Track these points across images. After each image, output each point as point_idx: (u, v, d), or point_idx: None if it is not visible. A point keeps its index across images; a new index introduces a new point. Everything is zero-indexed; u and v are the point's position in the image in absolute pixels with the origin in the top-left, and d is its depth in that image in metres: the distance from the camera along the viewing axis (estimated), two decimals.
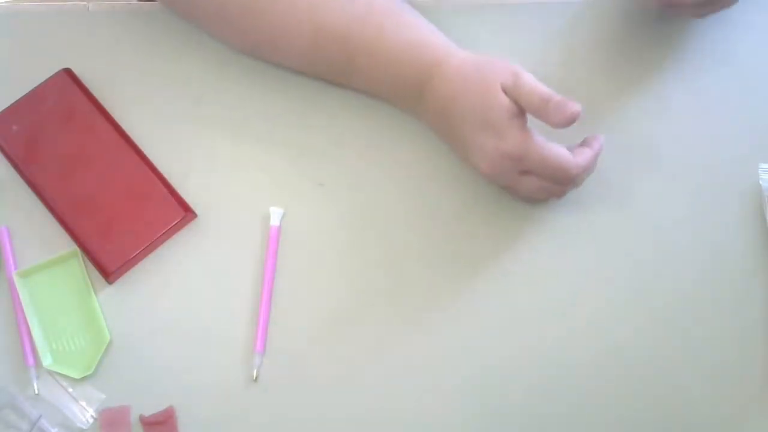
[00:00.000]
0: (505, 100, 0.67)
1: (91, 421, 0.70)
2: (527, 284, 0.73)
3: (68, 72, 0.77)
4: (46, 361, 0.71)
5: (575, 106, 0.65)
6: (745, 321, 0.72)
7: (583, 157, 0.69)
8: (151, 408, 0.70)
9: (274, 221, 0.74)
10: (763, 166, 0.75)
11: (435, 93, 0.71)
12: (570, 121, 0.65)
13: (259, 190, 0.75)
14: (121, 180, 0.74)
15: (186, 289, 0.73)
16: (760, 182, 0.74)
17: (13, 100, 0.76)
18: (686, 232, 0.74)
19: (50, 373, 0.71)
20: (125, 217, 0.73)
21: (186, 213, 0.73)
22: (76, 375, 0.70)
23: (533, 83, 0.67)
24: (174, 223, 0.73)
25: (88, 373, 0.70)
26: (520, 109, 0.67)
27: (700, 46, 0.78)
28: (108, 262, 0.72)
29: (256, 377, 0.71)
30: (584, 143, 0.71)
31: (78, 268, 0.73)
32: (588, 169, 0.70)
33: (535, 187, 0.70)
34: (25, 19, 0.80)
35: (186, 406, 0.70)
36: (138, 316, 0.72)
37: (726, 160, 0.75)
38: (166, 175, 0.75)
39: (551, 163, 0.67)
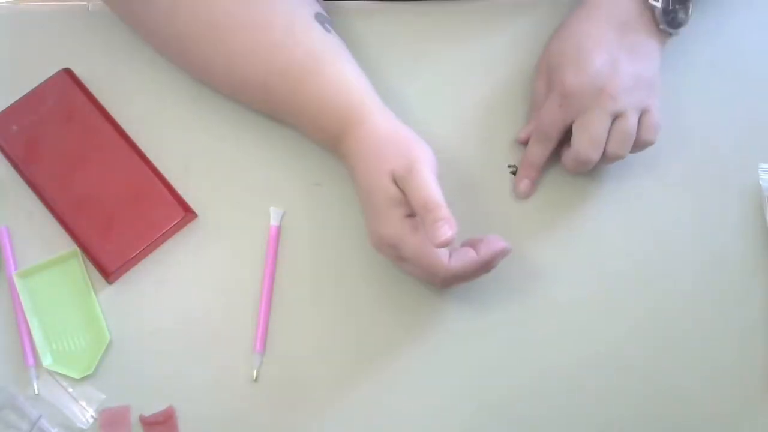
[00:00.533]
0: (390, 187, 0.65)
1: (91, 421, 0.70)
2: (527, 284, 0.73)
3: (68, 72, 0.77)
4: (46, 361, 0.71)
5: (446, 234, 0.62)
6: (745, 321, 0.72)
7: (457, 262, 0.66)
8: (151, 408, 0.70)
9: (274, 221, 0.74)
10: (763, 166, 0.75)
11: (346, 152, 0.70)
12: (437, 245, 0.62)
13: (259, 190, 0.75)
14: (121, 180, 0.74)
15: (186, 289, 0.73)
16: (760, 182, 0.74)
17: (13, 100, 0.76)
18: (686, 232, 0.74)
19: (50, 373, 0.71)
20: (125, 217, 0.73)
21: (186, 213, 0.73)
22: (76, 375, 0.70)
23: (423, 184, 0.64)
24: (174, 223, 0.73)
25: (88, 373, 0.70)
26: (406, 199, 0.65)
27: (700, 46, 0.78)
28: (108, 262, 0.72)
29: (256, 377, 0.71)
30: (474, 244, 0.68)
31: (78, 268, 0.73)
32: (459, 277, 0.67)
33: (415, 274, 0.69)
34: (25, 19, 0.80)
35: (186, 406, 0.70)
36: (138, 316, 0.72)
37: (726, 161, 0.75)
38: (166, 175, 0.75)
39: (422, 261, 0.65)
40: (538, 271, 0.73)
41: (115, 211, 0.73)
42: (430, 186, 0.64)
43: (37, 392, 0.70)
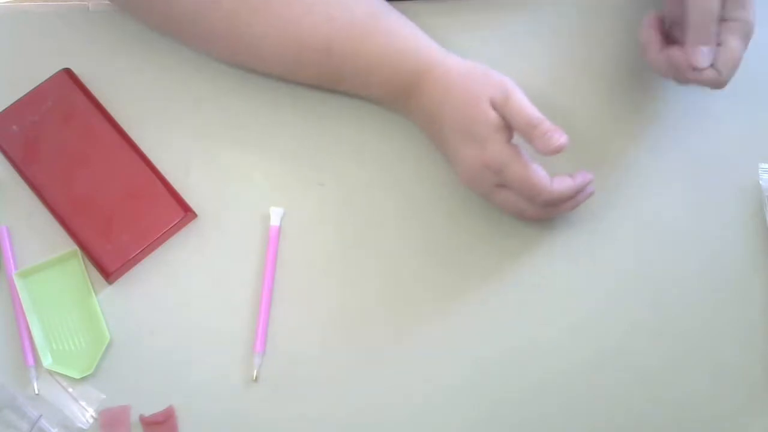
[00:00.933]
0: (492, 114, 0.67)
1: (91, 421, 0.70)
2: (526, 284, 0.73)
3: (68, 72, 0.77)
4: (46, 361, 0.71)
5: (561, 138, 0.65)
6: (745, 321, 0.72)
7: (560, 185, 0.68)
8: (151, 408, 0.70)
9: (274, 221, 0.74)
10: (763, 166, 0.75)
11: (422, 99, 0.71)
12: (554, 151, 0.65)
13: (259, 190, 0.75)
14: (121, 180, 0.74)
15: (186, 289, 0.73)
16: (760, 182, 0.74)
17: (13, 100, 0.76)
18: (686, 232, 0.74)
19: (50, 373, 0.71)
20: (125, 217, 0.73)
21: (186, 213, 0.73)
22: (76, 375, 0.70)
23: (523, 105, 0.66)
24: (174, 223, 0.73)
25: (88, 373, 0.70)
26: (507, 124, 0.67)
27: None
28: (108, 262, 0.72)
29: (256, 377, 0.71)
30: (570, 174, 0.70)
31: (78, 268, 0.73)
32: (563, 198, 0.69)
33: (509, 202, 0.70)
34: (25, 19, 0.80)
35: (186, 406, 0.70)
36: (138, 316, 0.72)
37: (726, 160, 0.75)
38: (166, 175, 0.75)
39: (527, 183, 0.67)
40: (539, 271, 0.73)
41: (115, 211, 0.73)
42: (529, 105, 0.67)
43: (37, 392, 0.70)
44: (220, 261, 0.73)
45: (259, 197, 0.75)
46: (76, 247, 0.73)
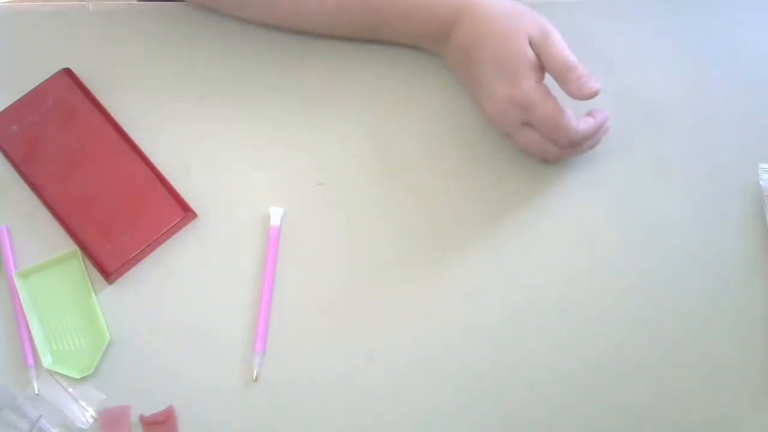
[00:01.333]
0: (528, 51, 0.69)
1: (91, 421, 0.70)
2: (527, 284, 0.73)
3: (68, 72, 0.77)
4: (46, 361, 0.71)
5: (595, 85, 0.67)
6: (745, 321, 0.72)
7: (585, 124, 0.70)
8: (151, 408, 0.70)
9: (274, 221, 0.74)
10: (763, 166, 0.75)
11: (461, 33, 0.72)
12: (587, 96, 0.67)
13: (259, 190, 0.75)
14: (121, 180, 0.74)
15: (186, 289, 0.73)
16: (760, 182, 0.74)
17: (13, 100, 0.76)
18: (686, 232, 0.74)
19: (50, 373, 0.71)
20: (125, 217, 0.73)
21: (186, 213, 0.73)
22: (76, 375, 0.70)
23: (561, 46, 0.68)
24: (174, 223, 0.73)
25: (88, 373, 0.70)
26: (541, 64, 0.69)
27: (700, 45, 0.78)
28: (108, 262, 0.72)
29: (256, 377, 0.71)
30: (589, 114, 0.72)
31: (78, 268, 0.73)
32: (587, 137, 0.71)
33: (533, 142, 0.71)
34: (25, 19, 0.80)
35: (186, 406, 0.70)
36: (138, 316, 0.72)
37: (726, 160, 0.75)
38: (166, 175, 0.75)
39: (554, 121, 0.69)
40: (538, 271, 0.73)
41: (115, 211, 0.73)
42: (566, 49, 0.68)
43: (37, 392, 0.70)
44: (220, 261, 0.73)
45: (259, 197, 0.75)
46: (76, 247, 0.73)
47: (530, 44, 0.69)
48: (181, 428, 0.70)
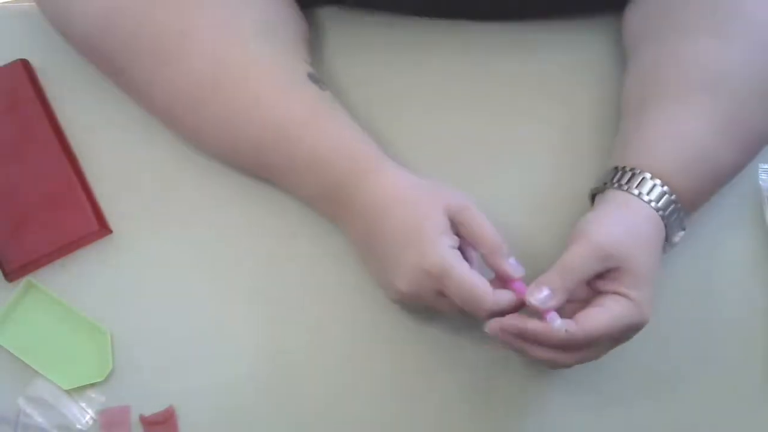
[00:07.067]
0: (442, 219, 0.64)
1: (90, 422, 0.70)
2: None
3: (24, 63, 0.75)
4: (65, 385, 0.70)
5: (520, 271, 0.65)
6: (745, 321, 0.72)
7: (503, 295, 0.64)
8: (151, 408, 0.70)
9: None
10: (763, 166, 0.75)
11: (360, 203, 0.67)
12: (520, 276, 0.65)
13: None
14: (44, 180, 0.73)
15: (186, 289, 0.73)
16: (760, 182, 0.74)
17: None
18: (686, 231, 0.74)
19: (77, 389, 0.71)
20: (39, 219, 0.72)
21: (101, 228, 0.72)
22: (99, 378, 0.70)
23: (484, 222, 0.65)
24: (85, 235, 0.72)
25: (110, 369, 0.70)
26: (453, 234, 0.65)
27: None
28: (9, 259, 0.71)
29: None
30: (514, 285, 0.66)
31: (41, 294, 0.72)
32: (504, 311, 0.64)
33: (454, 312, 0.66)
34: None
35: (186, 406, 0.70)
36: (137, 315, 0.72)
37: None
38: (95, 186, 0.73)
39: (465, 292, 0.62)
40: (538, 271, 0.73)
41: (30, 211, 0.72)
42: (489, 224, 0.65)
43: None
44: (220, 261, 0.73)
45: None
46: (27, 278, 0.72)
47: (448, 214, 0.64)
48: (181, 428, 0.70)
